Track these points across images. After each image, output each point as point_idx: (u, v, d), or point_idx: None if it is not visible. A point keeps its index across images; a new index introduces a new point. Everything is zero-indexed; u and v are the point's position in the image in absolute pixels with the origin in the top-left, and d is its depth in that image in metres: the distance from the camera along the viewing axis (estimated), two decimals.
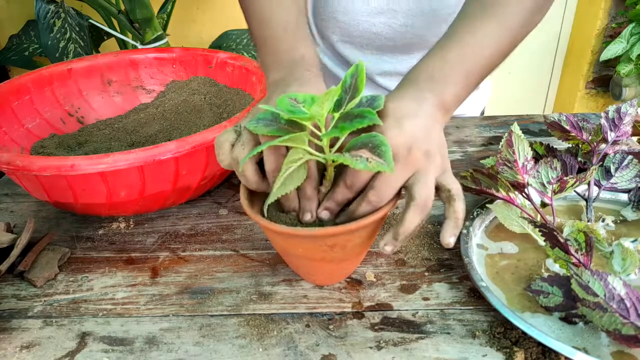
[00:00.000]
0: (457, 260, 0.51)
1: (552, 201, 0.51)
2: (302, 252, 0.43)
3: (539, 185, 0.51)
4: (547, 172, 0.51)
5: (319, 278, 0.49)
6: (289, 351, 0.42)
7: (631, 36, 1.87)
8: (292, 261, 0.48)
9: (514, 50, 0.53)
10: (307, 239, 0.41)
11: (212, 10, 1.99)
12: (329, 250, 0.42)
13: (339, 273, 0.49)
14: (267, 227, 0.41)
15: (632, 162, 0.57)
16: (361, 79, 0.39)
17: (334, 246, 0.42)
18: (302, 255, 0.44)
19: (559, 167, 0.51)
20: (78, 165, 0.48)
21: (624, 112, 0.59)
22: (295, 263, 0.47)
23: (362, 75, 0.39)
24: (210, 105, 0.71)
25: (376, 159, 0.36)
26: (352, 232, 0.41)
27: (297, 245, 0.43)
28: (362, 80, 0.39)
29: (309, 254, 0.43)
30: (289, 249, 0.44)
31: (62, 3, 1.49)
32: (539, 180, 0.51)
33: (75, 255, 0.55)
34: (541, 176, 0.51)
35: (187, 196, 0.60)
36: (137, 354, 0.43)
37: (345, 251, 0.43)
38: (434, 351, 0.42)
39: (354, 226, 0.39)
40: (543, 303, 0.43)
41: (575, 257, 0.44)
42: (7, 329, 0.46)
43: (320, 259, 0.43)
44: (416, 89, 0.45)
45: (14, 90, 0.66)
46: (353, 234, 0.41)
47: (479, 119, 0.82)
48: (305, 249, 0.43)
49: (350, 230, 0.40)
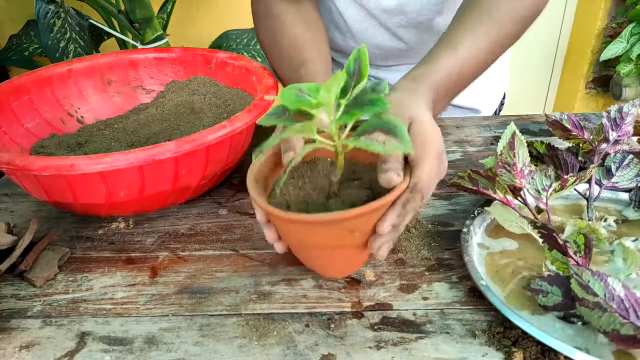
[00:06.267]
0: (456, 260, 0.51)
1: (547, 207, 0.51)
2: (321, 241, 0.42)
3: (534, 192, 0.52)
4: (542, 180, 0.52)
5: (337, 269, 0.48)
6: (289, 351, 0.42)
7: (631, 36, 1.87)
8: (307, 254, 0.47)
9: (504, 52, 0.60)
10: (328, 224, 0.40)
11: (212, 10, 1.99)
12: (348, 236, 0.41)
13: (357, 261, 0.48)
14: (283, 217, 0.40)
15: (633, 162, 0.58)
16: (364, 63, 0.39)
17: (354, 230, 0.41)
18: (320, 245, 0.43)
19: (553, 175, 0.52)
20: (77, 165, 0.48)
21: (625, 111, 0.59)
22: (311, 255, 0.46)
23: (365, 59, 0.39)
24: (210, 105, 0.71)
25: (393, 141, 0.36)
26: (374, 212, 0.40)
27: (316, 234, 0.42)
28: (365, 65, 0.39)
29: (328, 242, 0.42)
30: (305, 239, 0.43)
31: (62, 3, 1.49)
32: (533, 187, 0.52)
33: (74, 255, 0.55)
34: (536, 183, 0.52)
35: (186, 196, 0.60)
36: (136, 353, 0.43)
37: (364, 235, 0.42)
38: (433, 351, 0.42)
39: (377, 204, 0.39)
40: (542, 302, 0.43)
41: (574, 259, 0.44)
42: (7, 329, 0.46)
43: (340, 246, 0.43)
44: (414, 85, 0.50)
45: (13, 90, 0.66)
46: (373, 215, 0.41)
47: (479, 119, 0.82)
48: (324, 236, 0.42)
49: (374, 210, 0.39)
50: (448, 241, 0.54)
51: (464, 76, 0.55)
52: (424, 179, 0.42)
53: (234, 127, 0.54)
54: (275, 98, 0.42)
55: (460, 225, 0.55)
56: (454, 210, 0.59)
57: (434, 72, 0.52)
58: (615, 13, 1.99)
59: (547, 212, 0.51)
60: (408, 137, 0.36)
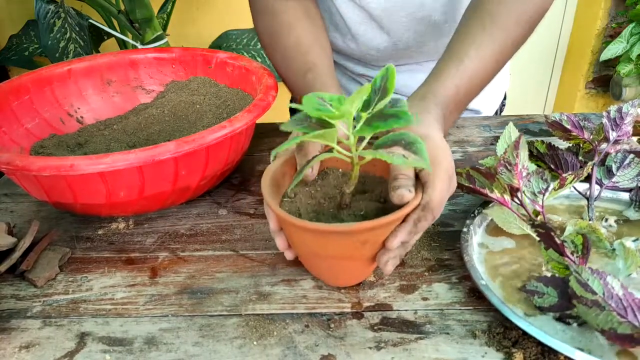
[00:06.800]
0: (456, 261, 0.51)
1: (542, 209, 0.51)
2: (332, 250, 0.43)
3: (530, 194, 0.52)
4: (538, 183, 0.52)
5: (344, 279, 0.48)
6: (288, 351, 0.42)
7: (631, 36, 1.87)
8: (316, 263, 0.47)
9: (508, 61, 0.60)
10: (342, 235, 0.40)
11: (212, 10, 1.99)
12: (360, 247, 0.42)
13: (363, 273, 0.48)
14: (299, 225, 0.40)
15: (634, 161, 0.58)
16: (391, 82, 0.39)
17: (366, 242, 0.42)
18: (332, 255, 0.43)
19: (550, 179, 0.52)
20: (77, 165, 0.48)
21: (625, 111, 0.59)
22: (320, 264, 0.47)
23: (393, 78, 0.39)
24: (210, 105, 0.71)
25: (413, 156, 0.37)
26: (387, 226, 0.41)
27: (329, 243, 0.42)
28: (392, 83, 0.39)
29: (339, 252, 0.43)
30: (317, 248, 0.43)
31: (62, 3, 1.49)
32: (530, 190, 0.52)
33: (74, 255, 0.55)
34: (532, 186, 0.52)
35: (186, 196, 0.60)
36: (136, 354, 0.43)
37: (374, 248, 0.43)
38: (433, 351, 0.42)
39: (391, 218, 0.40)
40: (538, 303, 0.43)
41: (571, 259, 0.44)
42: (7, 329, 0.46)
43: (350, 257, 0.43)
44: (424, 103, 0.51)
45: (13, 90, 0.66)
46: (385, 229, 0.41)
47: (479, 119, 0.82)
48: (336, 246, 0.42)
49: (387, 223, 0.40)
50: (448, 241, 0.54)
51: (472, 87, 0.55)
52: (436, 199, 0.43)
53: (234, 127, 0.54)
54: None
55: (460, 226, 0.55)
56: (453, 210, 0.59)
57: (442, 87, 0.53)
58: (615, 13, 1.99)
59: (543, 215, 0.51)
60: (427, 153, 0.37)
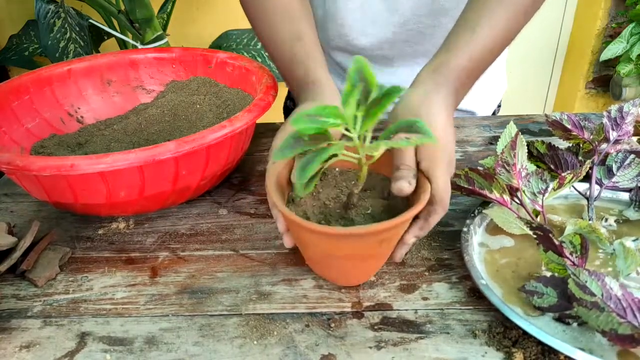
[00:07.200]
0: (456, 260, 0.51)
1: (543, 209, 0.51)
2: (350, 252, 0.42)
3: (530, 194, 0.52)
4: (538, 183, 0.52)
5: (355, 277, 0.48)
6: (289, 351, 0.42)
7: (631, 36, 1.87)
8: (329, 264, 0.46)
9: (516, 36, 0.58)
10: (361, 237, 0.40)
11: (212, 10, 1.99)
12: (377, 247, 0.42)
13: (373, 269, 0.48)
14: (317, 230, 0.40)
15: (634, 161, 0.58)
16: (366, 70, 0.38)
17: (383, 241, 0.42)
18: (347, 255, 0.43)
19: (549, 179, 0.52)
20: (78, 165, 0.48)
21: (626, 111, 0.59)
22: (332, 265, 0.46)
23: (366, 66, 0.38)
24: (210, 105, 0.71)
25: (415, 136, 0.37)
26: (405, 223, 0.42)
27: (346, 245, 0.42)
28: (368, 72, 0.38)
29: (356, 252, 0.43)
30: (332, 250, 0.43)
31: (62, 3, 1.49)
32: (530, 190, 0.52)
33: (74, 255, 0.55)
34: (532, 186, 0.52)
35: (186, 196, 0.60)
36: (136, 353, 0.43)
37: (391, 245, 0.44)
38: (433, 351, 0.42)
39: (409, 215, 0.40)
40: (537, 303, 0.43)
41: (570, 259, 0.44)
42: (7, 329, 0.46)
43: (367, 256, 0.43)
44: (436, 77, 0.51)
45: (13, 90, 0.66)
46: (403, 225, 0.42)
47: (479, 119, 0.82)
48: (354, 247, 0.42)
49: (406, 220, 0.41)
50: (448, 241, 0.54)
51: (485, 57, 0.54)
52: (441, 190, 0.43)
53: (234, 127, 0.54)
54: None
55: (460, 225, 0.55)
56: (453, 210, 0.59)
57: (455, 57, 0.52)
58: (615, 13, 1.99)
59: (544, 215, 0.51)
60: (429, 129, 0.37)
